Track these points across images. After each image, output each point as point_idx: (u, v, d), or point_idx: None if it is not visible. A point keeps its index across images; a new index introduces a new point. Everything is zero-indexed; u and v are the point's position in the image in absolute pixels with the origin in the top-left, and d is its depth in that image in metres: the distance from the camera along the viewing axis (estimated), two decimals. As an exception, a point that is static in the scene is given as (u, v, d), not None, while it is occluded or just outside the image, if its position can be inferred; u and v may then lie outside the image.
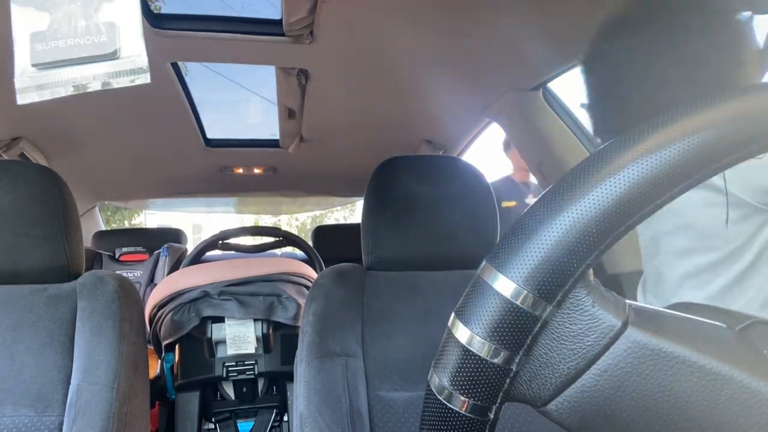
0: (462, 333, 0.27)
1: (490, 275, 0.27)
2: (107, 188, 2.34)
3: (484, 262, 0.28)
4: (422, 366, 0.94)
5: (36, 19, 0.35)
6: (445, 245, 1.02)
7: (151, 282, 2.19)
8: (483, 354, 0.26)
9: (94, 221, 2.54)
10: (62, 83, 0.34)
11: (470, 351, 0.26)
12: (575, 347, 0.27)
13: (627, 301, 0.29)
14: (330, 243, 2.41)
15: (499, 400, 0.27)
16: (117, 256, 2.25)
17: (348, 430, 0.86)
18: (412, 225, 1.01)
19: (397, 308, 0.99)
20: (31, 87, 0.34)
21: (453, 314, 0.28)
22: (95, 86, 0.36)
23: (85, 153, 1.81)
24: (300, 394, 0.91)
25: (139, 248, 2.27)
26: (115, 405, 0.87)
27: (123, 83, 0.37)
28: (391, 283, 1.01)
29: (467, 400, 0.27)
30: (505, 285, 0.26)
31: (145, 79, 0.37)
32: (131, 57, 0.35)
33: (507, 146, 2.16)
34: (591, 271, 0.28)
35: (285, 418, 1.49)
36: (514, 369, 0.27)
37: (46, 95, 0.35)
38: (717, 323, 0.30)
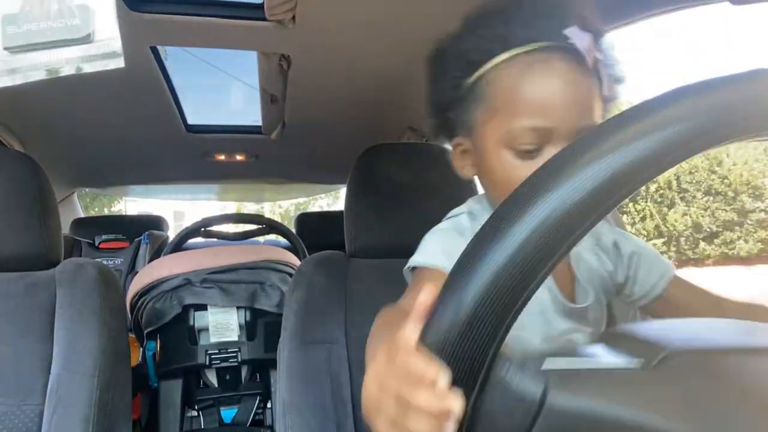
0: None
1: None
2: (86, 175, 2.30)
3: None
4: None
5: (8, 2, 0.34)
6: (426, 232, 1.01)
7: (132, 270, 2.17)
8: None
9: (73, 208, 2.50)
10: (35, 67, 0.34)
11: None
12: (506, 428, 0.27)
13: (544, 365, 0.29)
14: (314, 230, 2.41)
15: None
16: (96, 244, 2.22)
17: (331, 417, 0.87)
18: (395, 213, 1.01)
19: (380, 295, 0.95)
20: (3, 71, 0.33)
21: None
22: (68, 70, 0.35)
23: (63, 139, 1.78)
24: (283, 382, 0.91)
25: (119, 236, 2.23)
26: (97, 394, 0.85)
27: (96, 67, 0.36)
28: (374, 270, 1.01)
29: None
30: None
31: (119, 63, 0.36)
32: (105, 41, 0.34)
33: None
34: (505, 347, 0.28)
35: (268, 406, 1.49)
36: None
37: (19, 79, 0.34)
38: (631, 364, 0.30)
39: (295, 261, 1.52)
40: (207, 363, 1.39)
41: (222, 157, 2.11)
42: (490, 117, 0.57)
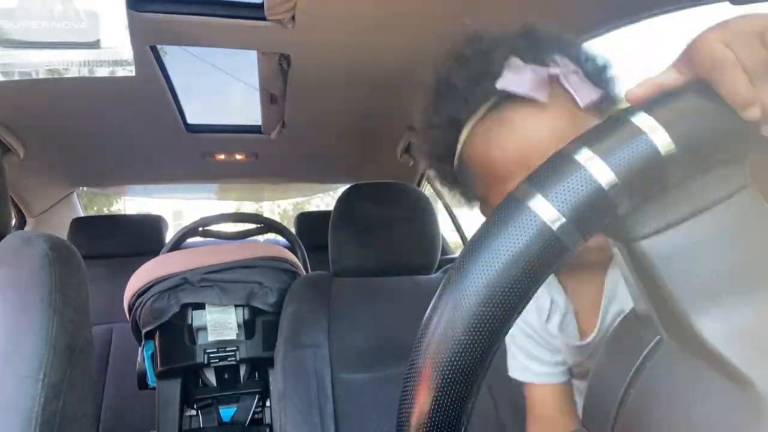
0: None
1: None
2: (85, 174, 2.30)
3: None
4: (376, 354, 1.15)
5: (4, -4, 0.33)
6: (396, 256, 1.25)
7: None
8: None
9: (72, 208, 2.50)
10: (32, 65, 0.33)
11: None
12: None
13: None
14: (313, 229, 2.41)
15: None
16: None
17: (315, 403, 1.07)
18: (370, 240, 1.23)
19: (357, 307, 1.21)
20: (-3, 66, 0.32)
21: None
22: (72, 72, 0.35)
23: (63, 138, 1.77)
24: (279, 377, 1.11)
25: None
26: (40, 401, 0.66)
27: (103, 73, 0.36)
28: (353, 287, 1.23)
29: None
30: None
31: (129, 72, 0.36)
32: (114, 48, 0.34)
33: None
34: None
35: (267, 404, 1.49)
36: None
37: (14, 75, 0.33)
38: None
39: (293, 258, 1.52)
40: (206, 362, 1.39)
41: (221, 157, 2.10)
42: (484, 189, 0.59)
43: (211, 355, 1.39)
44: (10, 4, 0.32)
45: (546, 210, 0.26)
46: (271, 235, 2.23)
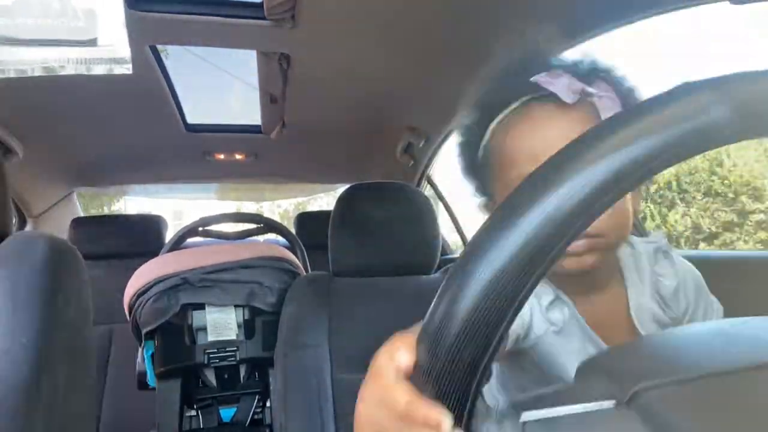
0: None
1: None
2: (85, 174, 2.30)
3: None
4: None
5: (0, -8, 0.33)
6: (396, 256, 1.25)
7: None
8: None
9: (72, 208, 2.50)
10: (29, 62, 0.33)
11: None
12: None
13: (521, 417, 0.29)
14: (313, 229, 2.41)
15: None
16: None
17: (315, 404, 1.09)
18: (370, 240, 1.24)
19: (357, 307, 1.21)
20: (-9, 63, 0.32)
21: None
22: (69, 70, 0.34)
23: (62, 138, 1.77)
24: (279, 377, 1.13)
25: None
26: (41, 401, 0.65)
27: (100, 71, 0.35)
28: (353, 287, 1.24)
29: None
30: None
31: (126, 69, 0.36)
32: (111, 46, 0.34)
33: None
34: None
35: (267, 404, 1.49)
36: None
37: (10, 72, 0.33)
38: (603, 404, 0.29)
39: (293, 258, 1.52)
40: (205, 362, 1.38)
41: (221, 157, 2.11)
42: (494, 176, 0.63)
43: (211, 356, 1.39)
44: (7, 1, 0.32)
45: None
46: (271, 235, 2.23)
